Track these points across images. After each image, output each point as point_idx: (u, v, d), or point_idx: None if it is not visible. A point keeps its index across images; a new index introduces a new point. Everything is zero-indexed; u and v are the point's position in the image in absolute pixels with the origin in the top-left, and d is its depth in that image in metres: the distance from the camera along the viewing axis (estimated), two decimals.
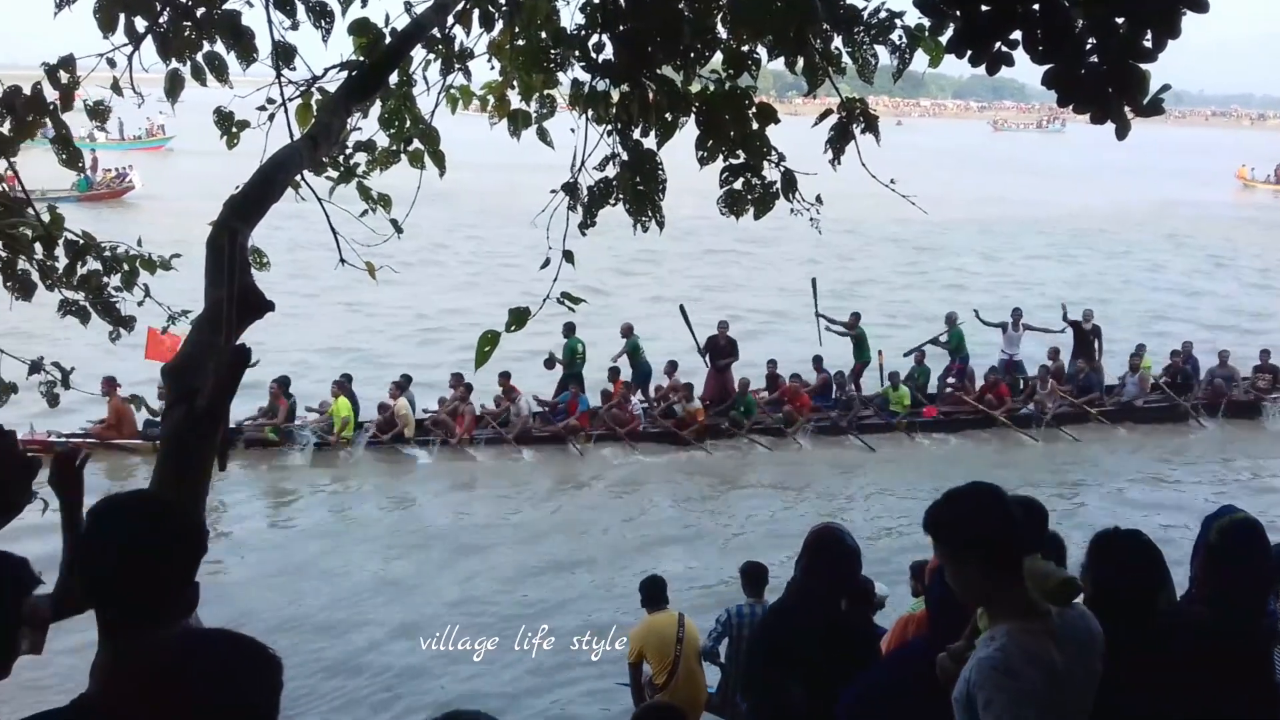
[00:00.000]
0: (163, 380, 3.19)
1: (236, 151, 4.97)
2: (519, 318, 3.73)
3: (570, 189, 4.21)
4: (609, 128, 4.12)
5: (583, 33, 4.09)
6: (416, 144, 5.45)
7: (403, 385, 16.42)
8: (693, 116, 3.96)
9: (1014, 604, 2.75)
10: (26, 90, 4.66)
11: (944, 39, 3.41)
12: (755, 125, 3.91)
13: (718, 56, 4.05)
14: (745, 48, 3.90)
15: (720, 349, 17.84)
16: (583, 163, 4.11)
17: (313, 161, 4.32)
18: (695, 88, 4.09)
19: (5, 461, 2.62)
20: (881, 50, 3.92)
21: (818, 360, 18.02)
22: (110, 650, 2.00)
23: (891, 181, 4.03)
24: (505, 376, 16.57)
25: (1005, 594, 2.75)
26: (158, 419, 15.35)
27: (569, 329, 16.87)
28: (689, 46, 3.81)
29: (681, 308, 16.45)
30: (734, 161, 3.95)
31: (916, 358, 18.40)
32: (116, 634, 2.01)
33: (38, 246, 5.03)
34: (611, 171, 4.08)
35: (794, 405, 17.03)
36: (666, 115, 3.94)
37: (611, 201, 4.05)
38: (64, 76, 4.72)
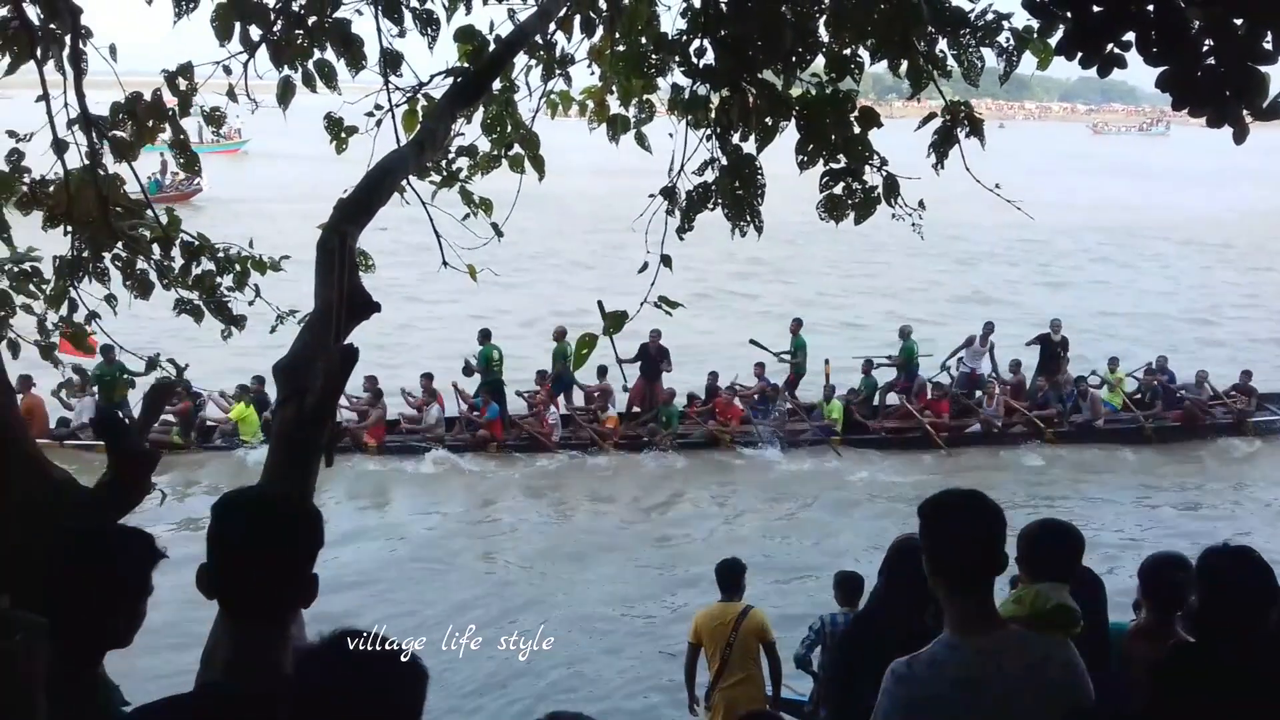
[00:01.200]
0: (274, 378, 3.29)
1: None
2: (616, 321, 3.76)
3: (668, 193, 4.22)
4: (708, 132, 4.13)
5: (684, 37, 4.10)
6: (517, 149, 5.54)
7: None
8: (793, 121, 3.94)
9: (955, 616, 2.70)
10: (147, 96, 4.87)
11: (1053, 40, 3.34)
12: (857, 129, 3.88)
13: (819, 60, 4.03)
14: (848, 51, 3.87)
15: (651, 358, 17.42)
16: (681, 167, 4.12)
17: (419, 166, 4.42)
18: (795, 91, 4.07)
19: (130, 454, 2.74)
20: (987, 52, 3.86)
21: (759, 366, 17.67)
22: (234, 640, 2.06)
23: (996, 186, 3.96)
24: (428, 378, 16.32)
25: (951, 604, 2.71)
26: (70, 416, 15.59)
27: (484, 335, 16.29)
28: (790, 50, 3.79)
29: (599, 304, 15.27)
30: (834, 166, 3.93)
31: (863, 367, 17.88)
32: (240, 625, 2.08)
33: (155, 247, 5.23)
34: (710, 176, 4.08)
35: (724, 417, 16.65)
36: (767, 119, 3.93)
37: (710, 206, 4.05)
38: (182, 83, 4.92)
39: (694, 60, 4.08)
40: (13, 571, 2.01)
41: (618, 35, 5.02)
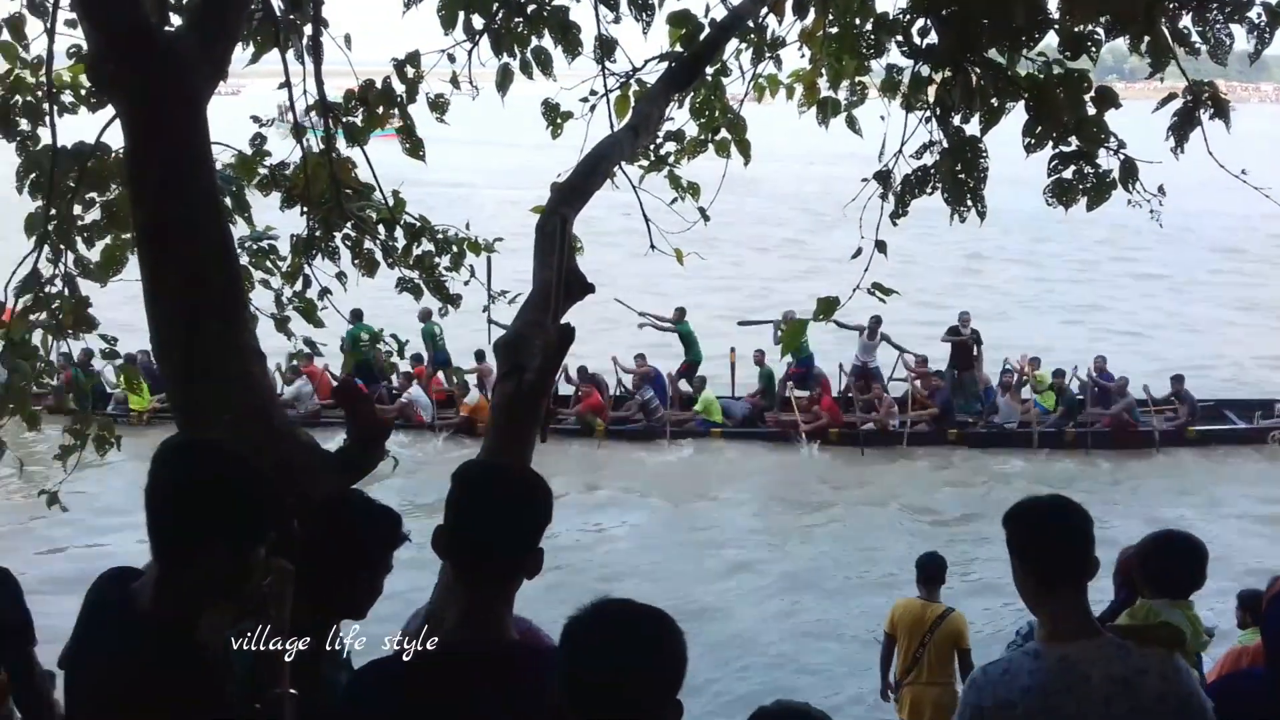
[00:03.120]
0: (495, 354, 3.42)
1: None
2: (827, 307, 3.71)
3: (882, 177, 4.13)
4: (927, 114, 4.01)
5: (905, 17, 4.00)
6: (723, 133, 5.55)
7: None
8: (1021, 102, 3.78)
9: (1045, 622, 2.61)
10: (369, 84, 5.12)
11: None
12: (1091, 110, 3.68)
13: (1048, 38, 3.85)
14: (1082, 28, 3.68)
15: None
16: (899, 150, 4.02)
17: (633, 151, 4.48)
18: (1021, 70, 3.90)
19: (367, 422, 2.90)
20: (1236, 29, 3.59)
21: (640, 358, 16.72)
22: (463, 603, 2.14)
23: (1242, 172, 3.69)
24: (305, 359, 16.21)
25: (1040, 610, 2.63)
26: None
27: (355, 315, 15.70)
28: (1019, 28, 3.63)
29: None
30: (1064, 149, 3.74)
31: (755, 358, 16.47)
32: (470, 588, 2.16)
33: (380, 227, 5.49)
34: (929, 159, 3.96)
35: (585, 406, 16.03)
36: (992, 100, 3.78)
37: (928, 190, 3.94)
38: (409, 71, 5.15)
39: (915, 40, 3.97)
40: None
41: (831, 16, 4.96)
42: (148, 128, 2.87)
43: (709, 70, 4.98)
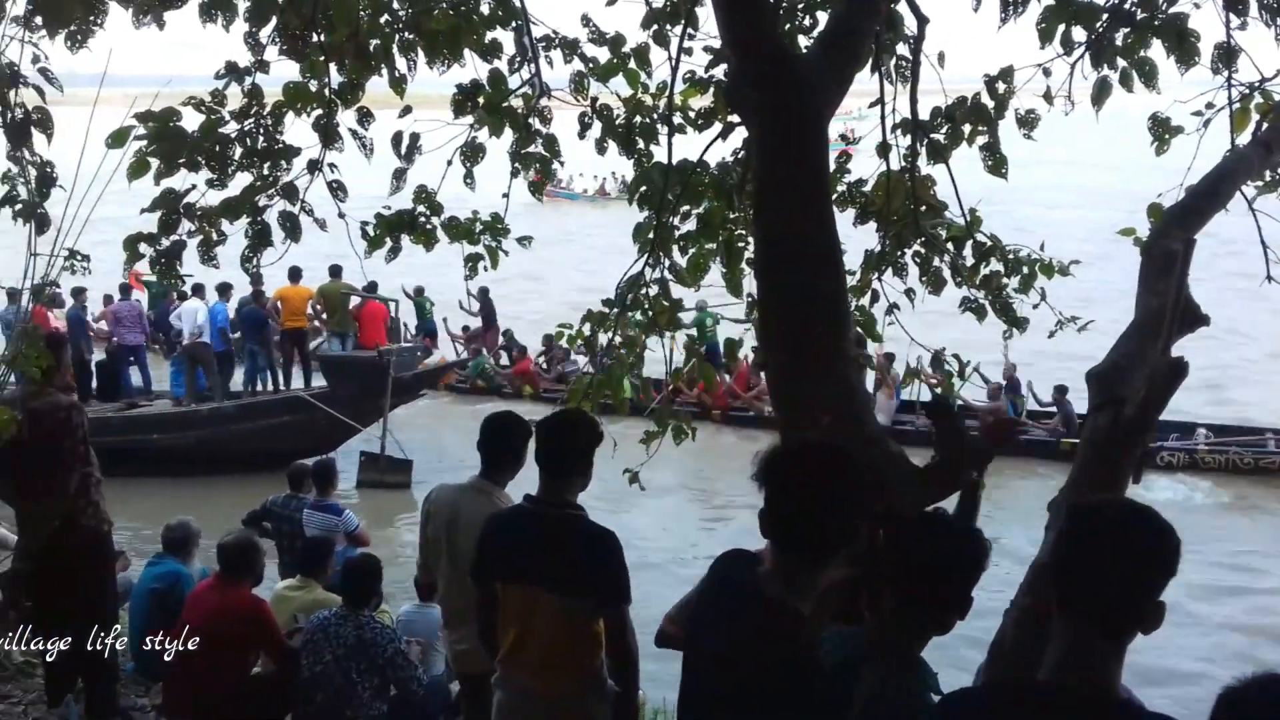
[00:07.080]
0: (1088, 384, 3.22)
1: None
2: None
3: None
4: None
5: None
6: None
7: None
8: None
9: None
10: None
11: None
12: None
13: None
14: None
15: (485, 309, 19.73)
16: None
17: (1261, 170, 4.01)
18: None
19: (956, 443, 2.86)
20: None
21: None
22: (1067, 643, 2.02)
23: None
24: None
25: None
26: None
27: (418, 290, 19.74)
28: None
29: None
30: None
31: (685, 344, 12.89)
32: (1076, 627, 2.04)
33: (950, 245, 5.42)
34: None
35: (520, 374, 17.94)
36: None
37: None
38: (1000, 87, 5.02)
39: None
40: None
41: None
42: (775, 144, 3.07)
43: None
